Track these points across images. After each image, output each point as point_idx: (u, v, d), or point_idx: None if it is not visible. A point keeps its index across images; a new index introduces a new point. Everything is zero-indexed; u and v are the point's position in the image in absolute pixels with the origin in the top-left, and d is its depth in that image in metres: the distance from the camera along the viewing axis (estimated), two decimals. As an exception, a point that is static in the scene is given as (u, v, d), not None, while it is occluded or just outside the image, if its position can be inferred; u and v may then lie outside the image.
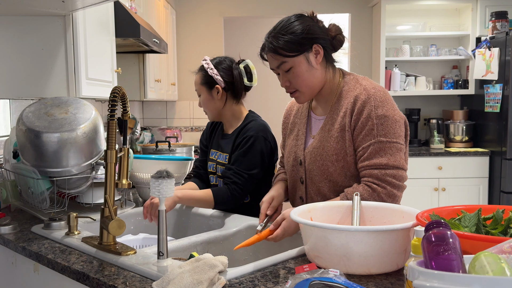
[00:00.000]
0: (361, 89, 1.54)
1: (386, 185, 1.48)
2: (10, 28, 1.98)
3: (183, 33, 4.92)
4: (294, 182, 1.71)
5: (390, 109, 1.51)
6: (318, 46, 1.54)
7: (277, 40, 1.52)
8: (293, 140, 1.72)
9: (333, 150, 1.55)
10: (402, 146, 1.52)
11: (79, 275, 1.28)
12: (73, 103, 1.84)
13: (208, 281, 1.08)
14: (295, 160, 1.68)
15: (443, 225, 0.86)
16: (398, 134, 1.51)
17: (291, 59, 1.53)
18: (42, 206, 1.78)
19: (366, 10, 4.86)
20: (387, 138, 1.49)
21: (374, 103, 1.50)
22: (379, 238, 1.14)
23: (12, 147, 1.94)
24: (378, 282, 1.13)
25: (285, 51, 1.52)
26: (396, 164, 1.49)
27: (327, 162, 1.56)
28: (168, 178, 1.22)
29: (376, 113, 1.49)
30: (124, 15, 2.55)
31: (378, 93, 1.52)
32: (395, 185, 1.49)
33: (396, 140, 1.50)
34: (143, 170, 2.08)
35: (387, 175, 1.48)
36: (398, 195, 1.51)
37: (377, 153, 1.49)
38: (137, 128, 3.72)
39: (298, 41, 1.52)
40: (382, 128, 1.49)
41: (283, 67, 1.55)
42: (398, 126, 1.51)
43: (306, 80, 1.55)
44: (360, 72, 5.28)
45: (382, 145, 1.49)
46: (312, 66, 1.54)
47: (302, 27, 1.53)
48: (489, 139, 4.30)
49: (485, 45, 4.17)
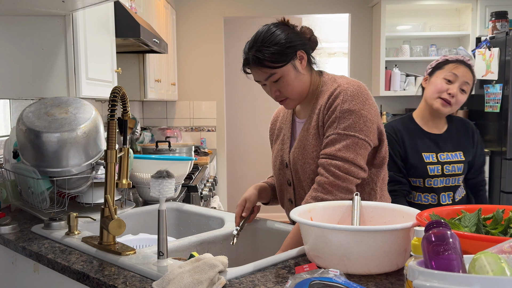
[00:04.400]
0: (335, 86, 1.55)
1: (329, 175, 1.46)
2: (10, 28, 1.98)
3: (183, 33, 4.92)
4: (281, 185, 1.71)
5: (358, 104, 1.49)
6: (301, 51, 1.54)
7: (262, 53, 1.49)
8: (279, 144, 1.73)
9: (312, 147, 1.55)
10: (362, 142, 1.48)
11: (79, 275, 1.28)
12: (73, 103, 1.84)
13: (208, 281, 1.08)
14: (281, 163, 1.69)
15: (443, 225, 0.86)
16: (360, 128, 1.47)
17: (280, 70, 1.51)
18: (42, 206, 1.78)
19: (366, 10, 4.86)
20: (345, 131, 1.47)
21: (343, 98, 1.49)
22: (379, 238, 1.14)
23: (12, 147, 1.94)
24: (378, 282, 1.13)
25: (273, 63, 1.50)
26: (346, 157, 1.45)
27: (309, 160, 1.56)
28: (168, 178, 1.22)
29: (342, 107, 1.48)
30: (124, 15, 2.55)
31: (350, 88, 1.51)
32: (338, 176, 1.45)
33: (356, 134, 1.47)
34: (143, 170, 2.08)
35: (331, 165, 1.46)
36: (346, 187, 1.46)
37: (331, 143, 1.48)
38: (137, 128, 3.72)
39: (284, 51, 1.50)
40: (344, 121, 1.47)
41: (272, 79, 1.53)
42: (363, 122, 1.48)
43: (295, 87, 1.56)
44: (361, 72, 5.29)
45: (338, 137, 1.47)
46: (299, 72, 1.55)
47: (284, 36, 1.51)
48: (489, 139, 4.30)
49: (485, 45, 4.17)
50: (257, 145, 5.97)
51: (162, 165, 2.02)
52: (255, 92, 5.77)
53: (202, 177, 3.28)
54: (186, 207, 2.02)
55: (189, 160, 2.19)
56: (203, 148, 4.60)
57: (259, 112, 5.89)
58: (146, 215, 1.99)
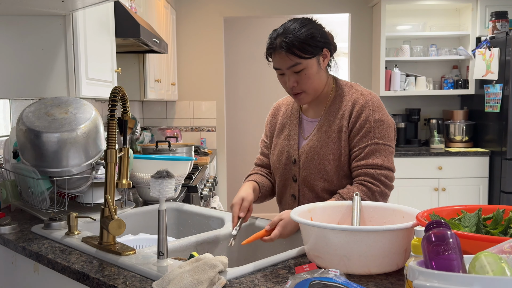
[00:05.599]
0: (358, 94, 1.65)
1: (380, 184, 1.56)
2: (10, 28, 1.98)
3: (183, 33, 4.92)
4: (285, 180, 1.74)
5: (385, 114, 1.63)
6: (326, 50, 1.62)
7: (291, 41, 1.54)
8: (284, 140, 1.76)
9: (330, 150, 1.63)
10: (393, 150, 1.63)
11: (79, 275, 1.28)
12: (73, 103, 1.84)
13: (208, 281, 1.08)
14: (287, 159, 1.72)
15: (443, 225, 0.86)
16: (391, 138, 1.62)
17: (305, 61, 1.57)
18: (42, 206, 1.78)
19: (366, 10, 4.86)
20: (382, 141, 1.59)
21: (372, 108, 1.61)
22: (379, 238, 1.14)
23: (12, 147, 1.94)
24: (378, 282, 1.13)
25: (302, 53, 1.55)
26: (389, 166, 1.59)
27: (324, 161, 1.63)
28: (168, 178, 1.22)
29: (374, 117, 1.60)
30: (124, 15, 2.55)
31: (374, 99, 1.64)
32: (387, 185, 1.58)
33: (389, 143, 1.61)
34: (143, 170, 2.08)
35: (381, 175, 1.57)
36: (388, 195, 1.61)
37: (372, 154, 1.58)
38: (137, 128, 3.72)
39: (314, 44, 1.57)
40: (379, 131, 1.59)
41: (295, 68, 1.58)
42: (391, 131, 1.63)
43: (314, 82, 1.62)
44: (361, 72, 5.30)
45: (378, 147, 1.58)
46: (321, 68, 1.62)
47: (314, 31, 1.57)
48: (489, 139, 4.30)
49: (485, 45, 4.17)
50: (257, 145, 5.95)
51: (162, 165, 2.02)
52: (255, 92, 5.77)
53: (202, 177, 3.28)
54: (186, 207, 2.02)
55: (189, 160, 2.19)
56: (203, 148, 4.60)
57: (259, 112, 5.88)
58: (146, 215, 1.99)
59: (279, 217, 1.45)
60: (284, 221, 1.43)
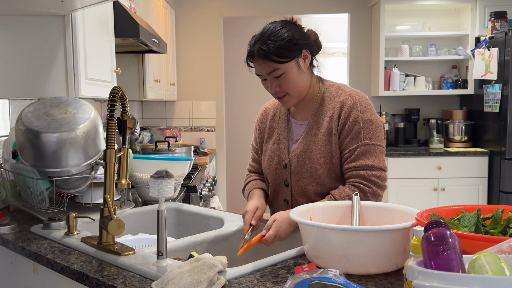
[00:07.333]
0: (346, 95, 1.63)
1: (372, 185, 1.55)
2: (9, 28, 1.98)
3: (182, 33, 4.92)
4: (277, 185, 1.73)
5: (373, 114, 1.61)
6: (306, 51, 1.58)
7: (268, 47, 1.52)
8: (273, 144, 1.74)
9: (321, 153, 1.61)
10: (383, 149, 1.62)
11: (79, 275, 1.28)
12: (72, 103, 1.84)
13: (208, 281, 1.08)
14: (278, 163, 1.70)
15: (442, 225, 0.86)
16: (381, 137, 1.61)
17: (283, 65, 1.54)
18: (41, 206, 1.78)
19: (366, 10, 4.86)
20: (372, 141, 1.58)
21: (360, 108, 1.60)
22: (378, 238, 1.14)
23: (11, 147, 1.94)
24: (377, 282, 1.13)
25: (278, 57, 1.53)
26: (380, 166, 1.58)
27: (316, 164, 1.61)
28: (167, 178, 1.22)
29: (362, 118, 1.59)
30: (124, 15, 2.55)
31: (362, 99, 1.62)
32: (379, 185, 1.57)
33: (380, 143, 1.60)
34: (143, 170, 2.08)
35: (373, 176, 1.56)
36: (381, 195, 1.60)
37: (363, 155, 1.57)
38: (137, 128, 3.72)
39: (290, 47, 1.54)
40: (368, 131, 1.58)
41: (274, 74, 1.56)
42: (380, 130, 1.61)
43: (296, 84, 1.59)
44: (360, 72, 5.30)
45: (368, 148, 1.57)
46: (302, 70, 1.59)
47: (291, 33, 1.55)
48: (488, 139, 4.30)
49: (484, 45, 4.17)
50: (257, 145, 5.95)
51: (162, 165, 2.02)
52: (255, 92, 5.77)
53: (201, 177, 3.28)
54: (186, 207, 2.02)
55: (189, 160, 2.19)
56: (203, 148, 4.60)
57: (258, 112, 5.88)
58: (146, 215, 1.99)
59: (273, 219, 1.46)
60: (277, 222, 1.44)
